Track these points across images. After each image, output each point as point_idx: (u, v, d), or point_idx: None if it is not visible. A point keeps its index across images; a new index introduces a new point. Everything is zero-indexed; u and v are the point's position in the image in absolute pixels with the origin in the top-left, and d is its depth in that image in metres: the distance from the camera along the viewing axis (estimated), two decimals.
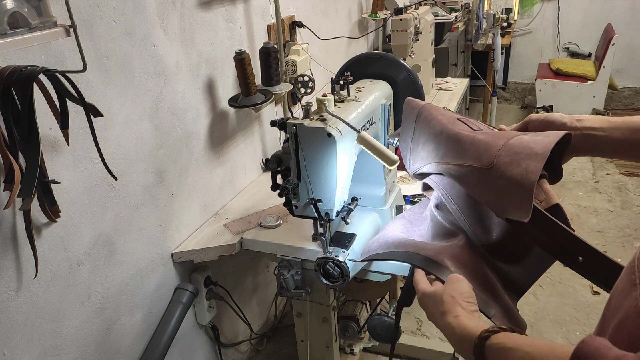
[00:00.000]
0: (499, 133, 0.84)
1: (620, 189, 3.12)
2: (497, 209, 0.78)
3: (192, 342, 1.56)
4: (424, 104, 1.01)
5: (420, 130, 0.99)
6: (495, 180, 0.76)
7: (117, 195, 1.20)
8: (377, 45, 3.14)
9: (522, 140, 0.77)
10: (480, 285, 0.82)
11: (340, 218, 1.12)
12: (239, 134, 1.70)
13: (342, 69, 1.26)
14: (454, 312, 0.69)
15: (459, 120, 0.93)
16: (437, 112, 0.96)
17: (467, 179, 0.82)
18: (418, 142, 1.00)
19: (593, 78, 3.89)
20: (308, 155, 0.99)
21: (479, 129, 0.90)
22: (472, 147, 0.82)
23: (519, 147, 0.76)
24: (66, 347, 1.10)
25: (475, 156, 0.80)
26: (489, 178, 0.77)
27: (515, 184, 0.73)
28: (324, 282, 1.11)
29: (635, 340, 0.48)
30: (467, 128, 0.89)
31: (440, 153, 0.90)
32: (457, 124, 0.91)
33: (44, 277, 1.03)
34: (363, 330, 1.61)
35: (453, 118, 0.94)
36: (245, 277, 1.87)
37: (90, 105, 0.93)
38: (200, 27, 1.44)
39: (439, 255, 0.87)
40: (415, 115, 1.01)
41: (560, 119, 0.81)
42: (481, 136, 0.83)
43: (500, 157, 0.76)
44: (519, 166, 0.74)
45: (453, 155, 0.86)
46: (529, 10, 4.59)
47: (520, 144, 0.76)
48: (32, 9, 0.83)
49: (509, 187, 0.74)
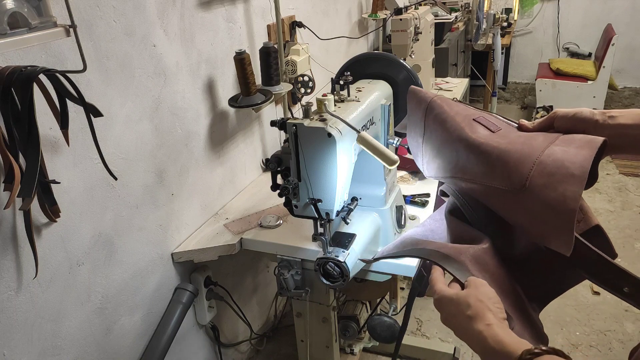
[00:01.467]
0: (525, 140, 0.76)
1: (621, 189, 3.12)
2: (533, 235, 0.73)
3: (192, 342, 1.56)
4: (432, 97, 0.92)
5: (432, 130, 0.90)
6: (529, 204, 0.70)
7: (117, 195, 1.20)
8: (377, 45, 3.14)
9: (556, 157, 0.70)
10: (502, 294, 0.73)
11: (340, 218, 1.12)
12: (239, 134, 1.70)
13: (342, 69, 1.26)
14: (485, 319, 0.62)
15: (475, 121, 0.84)
16: (451, 109, 0.87)
17: (495, 200, 0.76)
18: (431, 144, 0.91)
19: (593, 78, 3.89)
20: (308, 155, 0.99)
21: (499, 128, 0.82)
22: (499, 163, 0.74)
23: (553, 167, 0.69)
24: (66, 347, 1.10)
25: (504, 176, 0.73)
26: (521, 201, 0.71)
27: (552, 211, 0.67)
28: (324, 282, 1.11)
29: None
30: (486, 132, 0.81)
31: (459, 165, 0.82)
32: (474, 127, 0.82)
33: (44, 277, 1.03)
34: (363, 330, 1.61)
35: (469, 118, 0.85)
36: (245, 277, 1.87)
37: (90, 105, 0.93)
38: (200, 27, 1.44)
39: (461, 255, 0.78)
40: (424, 110, 0.92)
41: (591, 117, 0.73)
42: (507, 146, 0.75)
43: (533, 178, 0.69)
44: (555, 190, 0.67)
45: (477, 171, 0.78)
46: (529, 10, 4.59)
47: (554, 163, 0.69)
48: (32, 9, 0.83)
49: (545, 214, 0.68)
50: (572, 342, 1.98)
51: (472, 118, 0.85)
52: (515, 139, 0.77)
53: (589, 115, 0.73)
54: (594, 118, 0.73)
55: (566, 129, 0.76)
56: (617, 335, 2.00)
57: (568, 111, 0.76)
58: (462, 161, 0.81)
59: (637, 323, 2.07)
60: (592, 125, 0.73)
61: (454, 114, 0.86)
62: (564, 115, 0.76)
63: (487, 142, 0.77)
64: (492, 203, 0.78)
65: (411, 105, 0.95)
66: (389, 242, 1.23)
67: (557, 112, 0.77)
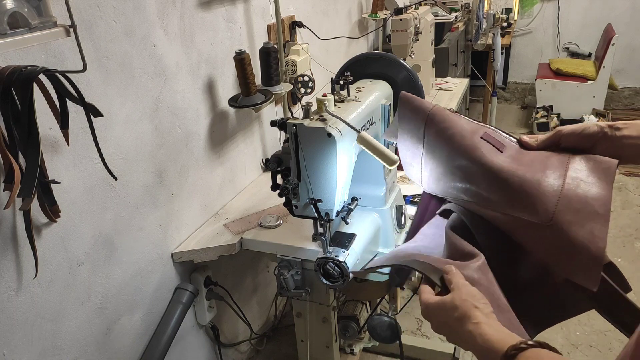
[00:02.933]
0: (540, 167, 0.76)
1: (621, 189, 3.12)
2: (561, 268, 0.75)
3: (192, 342, 1.56)
4: (432, 109, 0.90)
5: (436, 145, 0.88)
6: (556, 239, 0.72)
7: (117, 195, 1.20)
8: (377, 45, 3.13)
9: (578, 192, 0.72)
10: None
11: (340, 218, 1.12)
12: (239, 134, 1.70)
13: (342, 69, 1.26)
14: (472, 317, 0.62)
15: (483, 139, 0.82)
16: (454, 124, 0.85)
17: (519, 231, 0.77)
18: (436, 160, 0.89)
19: (593, 78, 3.89)
20: (308, 155, 0.99)
21: (504, 146, 0.82)
22: (521, 192, 0.74)
23: (578, 203, 0.71)
24: (66, 347, 1.10)
25: (529, 208, 0.73)
26: (547, 235, 0.72)
27: (581, 249, 0.69)
28: (324, 282, 1.11)
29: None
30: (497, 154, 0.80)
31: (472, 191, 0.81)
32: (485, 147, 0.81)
33: (44, 277, 1.03)
34: (363, 330, 1.61)
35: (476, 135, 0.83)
36: (245, 277, 1.87)
37: (90, 105, 0.93)
38: (200, 27, 1.44)
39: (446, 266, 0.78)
40: (424, 121, 0.90)
41: (598, 131, 0.75)
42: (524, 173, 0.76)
43: (560, 213, 0.71)
44: (582, 227, 0.69)
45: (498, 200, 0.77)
46: (529, 10, 4.59)
47: (577, 198, 0.71)
48: (32, 9, 0.83)
49: (574, 250, 0.70)
50: (572, 342, 1.97)
51: (479, 136, 0.84)
52: (529, 163, 0.77)
53: (597, 130, 0.75)
54: (601, 132, 0.74)
55: (574, 145, 0.77)
56: (617, 335, 2.00)
57: (574, 128, 0.77)
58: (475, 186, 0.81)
59: None
60: (600, 139, 0.75)
61: (460, 129, 0.85)
62: (570, 133, 0.77)
63: (506, 169, 0.77)
64: (517, 235, 0.78)
65: (405, 113, 0.94)
66: (389, 242, 1.23)
67: (562, 130, 0.78)
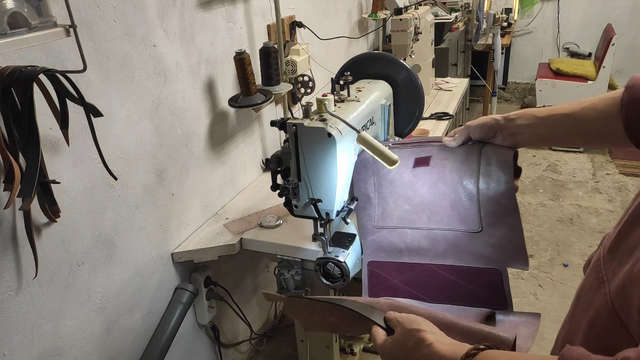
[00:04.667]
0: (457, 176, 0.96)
1: (621, 189, 3.12)
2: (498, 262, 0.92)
3: (192, 342, 1.56)
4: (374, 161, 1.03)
5: (382, 187, 1.04)
6: (489, 239, 0.92)
7: (117, 195, 1.20)
8: (377, 45, 3.13)
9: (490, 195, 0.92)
10: None
11: (340, 218, 1.12)
12: (239, 134, 1.70)
13: (342, 69, 1.26)
14: (424, 340, 0.65)
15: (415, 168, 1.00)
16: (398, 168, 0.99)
17: (462, 240, 0.95)
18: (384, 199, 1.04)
19: (593, 78, 3.89)
20: (308, 155, 0.99)
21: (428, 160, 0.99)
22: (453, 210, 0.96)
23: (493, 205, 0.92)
24: (66, 347, 1.10)
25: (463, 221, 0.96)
26: (483, 238, 0.92)
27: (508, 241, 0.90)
28: (324, 282, 1.11)
29: (609, 335, 0.49)
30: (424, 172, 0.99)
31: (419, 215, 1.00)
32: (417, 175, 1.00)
33: (44, 277, 1.03)
34: None
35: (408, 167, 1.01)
36: (245, 277, 1.87)
37: (90, 105, 0.93)
38: (200, 27, 1.44)
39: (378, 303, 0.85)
40: (372, 168, 1.06)
41: (495, 123, 0.89)
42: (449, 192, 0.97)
43: (484, 219, 0.93)
44: (502, 224, 0.91)
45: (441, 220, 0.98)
46: (529, 10, 4.59)
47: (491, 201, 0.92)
48: (32, 9, 0.83)
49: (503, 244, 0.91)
50: None
51: (411, 167, 1.01)
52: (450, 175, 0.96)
53: (494, 122, 0.89)
54: (498, 123, 0.89)
55: (480, 137, 0.93)
56: None
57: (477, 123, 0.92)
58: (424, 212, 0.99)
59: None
60: (498, 129, 0.89)
61: (397, 168, 0.99)
62: (475, 127, 0.92)
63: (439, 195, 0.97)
64: (458, 243, 0.96)
65: (356, 165, 1.08)
66: None
67: (470, 124, 0.93)
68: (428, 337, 0.65)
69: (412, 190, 1.00)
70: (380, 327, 0.76)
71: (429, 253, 0.98)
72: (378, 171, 1.04)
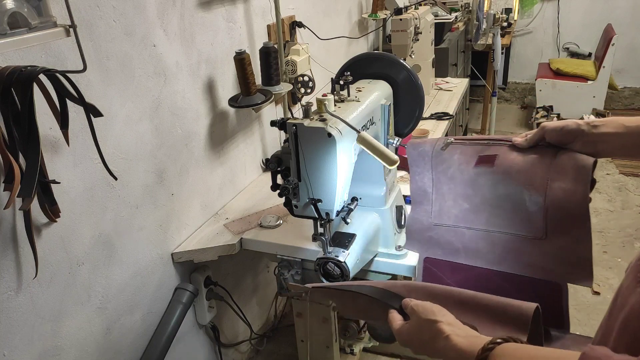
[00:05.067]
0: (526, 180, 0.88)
1: (621, 189, 3.12)
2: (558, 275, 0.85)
3: (192, 342, 1.56)
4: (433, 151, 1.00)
5: (440, 183, 0.99)
6: (551, 249, 0.84)
7: (117, 195, 1.20)
8: (377, 45, 3.13)
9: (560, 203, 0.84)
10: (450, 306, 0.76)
11: (340, 218, 1.12)
12: (239, 134, 1.70)
13: (342, 69, 1.26)
14: (441, 332, 0.65)
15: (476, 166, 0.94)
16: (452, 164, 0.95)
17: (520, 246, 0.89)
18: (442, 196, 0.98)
19: (593, 78, 3.89)
20: (308, 155, 0.99)
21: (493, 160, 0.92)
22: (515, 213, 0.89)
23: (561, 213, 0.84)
24: (66, 347, 1.10)
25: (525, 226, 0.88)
26: (545, 247, 0.85)
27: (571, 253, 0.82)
28: (324, 282, 1.11)
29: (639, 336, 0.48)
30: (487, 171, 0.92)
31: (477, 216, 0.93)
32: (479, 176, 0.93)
33: (44, 277, 1.03)
34: (363, 330, 1.61)
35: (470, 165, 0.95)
36: (245, 277, 1.87)
37: (90, 105, 0.93)
38: (200, 27, 1.44)
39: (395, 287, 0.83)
40: (430, 164, 1.01)
41: (576, 128, 0.82)
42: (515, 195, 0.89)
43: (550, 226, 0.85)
44: (569, 234, 0.83)
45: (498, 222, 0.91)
46: (529, 10, 4.59)
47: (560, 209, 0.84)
48: (32, 9, 0.83)
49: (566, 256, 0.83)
50: None
51: (473, 165, 0.95)
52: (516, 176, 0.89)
53: (575, 127, 0.83)
54: (579, 129, 0.82)
55: (556, 140, 0.86)
56: None
57: (556, 125, 0.85)
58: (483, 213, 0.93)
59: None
60: (579, 135, 0.83)
61: (457, 166, 0.95)
62: (553, 129, 0.86)
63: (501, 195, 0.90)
64: (515, 249, 0.89)
65: (414, 158, 1.03)
66: (389, 242, 1.23)
67: (546, 126, 0.87)
68: (445, 329, 0.65)
69: (472, 190, 0.94)
70: (397, 310, 0.76)
71: (485, 256, 0.93)
72: (437, 166, 1.00)
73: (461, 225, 0.96)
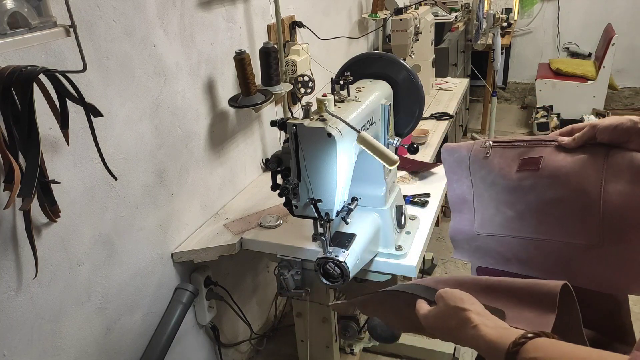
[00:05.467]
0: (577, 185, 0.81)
1: None
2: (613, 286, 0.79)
3: (192, 342, 1.56)
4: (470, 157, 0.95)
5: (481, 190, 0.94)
6: (608, 258, 0.78)
7: (117, 195, 1.20)
8: (377, 45, 3.13)
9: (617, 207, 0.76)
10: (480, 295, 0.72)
11: (340, 218, 1.12)
12: (239, 134, 1.70)
13: (342, 69, 1.26)
14: (469, 321, 0.63)
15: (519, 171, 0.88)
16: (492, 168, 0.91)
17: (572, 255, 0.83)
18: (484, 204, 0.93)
19: (593, 78, 3.89)
20: (308, 155, 0.99)
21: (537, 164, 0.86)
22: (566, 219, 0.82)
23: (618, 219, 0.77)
24: (66, 347, 1.10)
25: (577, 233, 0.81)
26: (600, 255, 0.79)
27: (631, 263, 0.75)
28: (324, 282, 1.11)
29: None
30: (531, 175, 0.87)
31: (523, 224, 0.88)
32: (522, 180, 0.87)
33: (44, 277, 1.03)
34: (363, 330, 1.61)
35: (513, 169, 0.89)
36: (245, 277, 1.87)
37: (90, 105, 0.93)
38: (200, 27, 1.44)
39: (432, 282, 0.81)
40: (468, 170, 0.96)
41: (633, 126, 0.76)
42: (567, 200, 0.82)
43: (604, 233, 0.78)
44: (629, 242, 0.75)
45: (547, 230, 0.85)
46: (529, 10, 4.59)
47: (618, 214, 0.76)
48: (32, 9, 0.83)
49: (624, 265, 0.76)
50: None
51: (515, 169, 0.88)
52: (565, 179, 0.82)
53: (631, 124, 0.75)
54: (636, 127, 0.75)
55: (609, 140, 0.80)
56: None
57: (609, 124, 0.78)
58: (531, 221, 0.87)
59: (637, 323, 2.06)
60: (635, 133, 0.76)
61: (498, 171, 0.90)
62: (605, 128, 0.79)
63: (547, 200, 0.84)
64: (566, 258, 0.83)
65: (451, 165, 0.97)
66: (389, 242, 1.23)
67: (598, 124, 0.80)
68: (473, 318, 0.63)
69: (515, 196, 0.88)
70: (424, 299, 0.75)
71: (539, 265, 0.88)
72: (475, 172, 0.95)
73: (507, 234, 0.91)
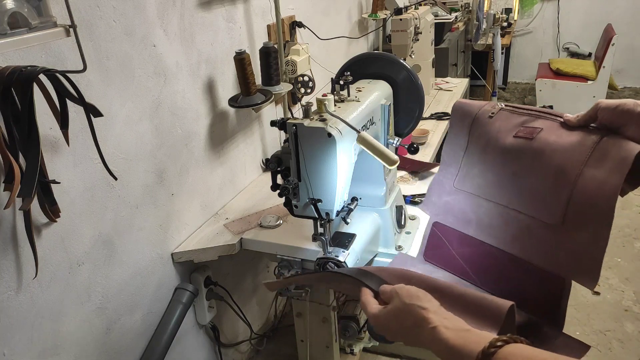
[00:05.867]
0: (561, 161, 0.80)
1: None
2: (562, 269, 0.79)
3: (192, 342, 1.56)
4: (477, 113, 0.94)
5: (474, 148, 0.94)
6: (564, 240, 0.78)
7: (117, 195, 1.20)
8: (377, 45, 3.13)
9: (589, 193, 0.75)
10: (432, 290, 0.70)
11: (340, 218, 1.12)
12: (239, 134, 1.70)
13: (342, 69, 1.26)
14: (427, 322, 0.60)
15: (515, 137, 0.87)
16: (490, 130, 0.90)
17: (533, 231, 0.83)
18: (472, 163, 0.94)
19: (593, 78, 3.89)
20: (308, 155, 0.99)
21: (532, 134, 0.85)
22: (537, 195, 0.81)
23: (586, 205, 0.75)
24: (66, 346, 1.10)
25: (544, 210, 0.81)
26: (558, 236, 0.79)
27: (584, 250, 0.75)
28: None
29: None
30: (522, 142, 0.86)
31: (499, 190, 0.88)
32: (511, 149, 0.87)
33: (44, 277, 1.03)
34: (363, 330, 1.61)
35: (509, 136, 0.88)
36: (245, 277, 1.87)
37: (90, 105, 0.93)
38: (200, 27, 1.44)
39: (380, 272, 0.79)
40: (469, 126, 0.95)
41: (634, 109, 0.72)
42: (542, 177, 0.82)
43: (570, 215, 0.77)
44: (586, 229, 0.74)
45: (519, 201, 0.85)
46: (529, 10, 4.59)
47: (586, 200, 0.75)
48: (32, 9, 0.83)
49: (578, 251, 0.75)
50: None
51: (512, 135, 0.88)
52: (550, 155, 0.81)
53: (632, 107, 0.72)
54: (636, 110, 0.72)
55: (609, 121, 0.77)
56: (616, 335, 2.00)
57: (611, 103, 0.75)
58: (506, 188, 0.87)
59: (636, 323, 2.07)
60: (634, 117, 0.73)
61: (495, 135, 0.89)
62: (606, 107, 0.76)
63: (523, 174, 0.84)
64: (527, 232, 0.83)
65: (455, 119, 0.97)
66: (389, 242, 1.23)
67: (601, 103, 0.77)
68: (431, 318, 0.60)
69: (502, 161, 0.88)
70: (370, 289, 0.72)
71: (497, 234, 0.88)
72: (474, 130, 0.94)
73: (481, 196, 0.90)
